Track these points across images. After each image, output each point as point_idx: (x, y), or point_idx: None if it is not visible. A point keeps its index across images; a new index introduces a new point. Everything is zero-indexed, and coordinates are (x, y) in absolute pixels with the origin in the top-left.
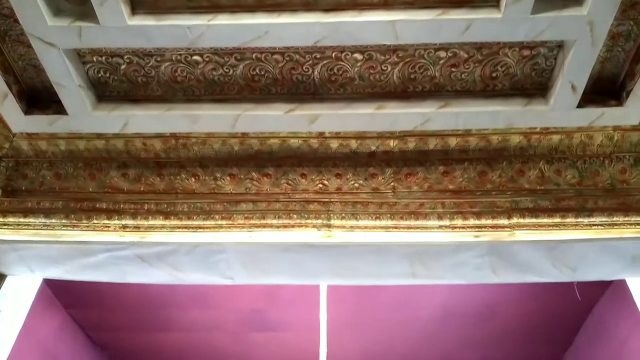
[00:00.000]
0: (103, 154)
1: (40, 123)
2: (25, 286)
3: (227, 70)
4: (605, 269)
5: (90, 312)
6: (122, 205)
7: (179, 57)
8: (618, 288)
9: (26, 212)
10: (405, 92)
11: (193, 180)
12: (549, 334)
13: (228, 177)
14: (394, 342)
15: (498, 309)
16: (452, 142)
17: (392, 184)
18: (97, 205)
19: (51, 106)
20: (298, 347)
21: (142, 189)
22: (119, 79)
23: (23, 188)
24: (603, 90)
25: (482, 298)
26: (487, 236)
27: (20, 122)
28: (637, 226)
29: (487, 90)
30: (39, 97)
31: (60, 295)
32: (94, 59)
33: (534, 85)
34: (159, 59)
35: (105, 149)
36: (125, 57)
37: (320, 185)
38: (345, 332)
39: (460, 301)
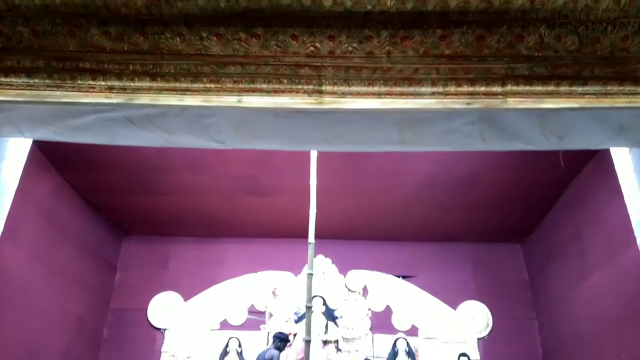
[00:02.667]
0: (81, 9)
1: None
2: (16, 149)
3: None
4: (593, 138)
5: (84, 175)
6: (106, 66)
7: None
8: (601, 158)
9: (7, 72)
10: None
11: (178, 40)
12: (530, 201)
13: (215, 37)
14: (380, 206)
15: (482, 176)
16: (452, 2)
17: (387, 47)
18: (80, 65)
19: None
20: (289, 211)
21: (125, 48)
22: None
23: (0, 46)
24: None
25: (467, 166)
26: (479, 103)
27: None
28: (630, 96)
29: None
30: None
31: (53, 159)
32: None
33: None
34: None
35: (83, 3)
36: None
37: (312, 48)
38: (334, 197)
39: (445, 169)
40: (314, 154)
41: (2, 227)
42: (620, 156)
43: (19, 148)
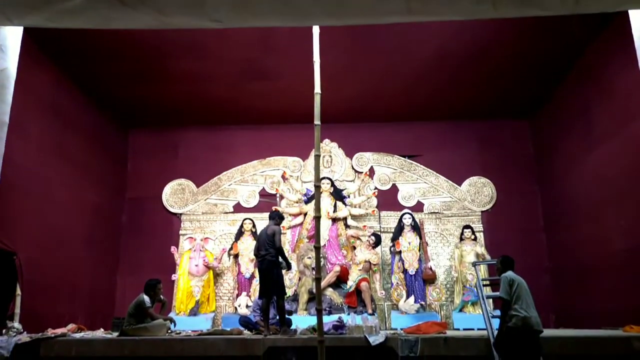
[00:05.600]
0: None
1: None
2: (8, 41)
3: None
4: None
5: (83, 66)
6: None
7: None
8: (618, 26)
9: None
10: None
11: None
12: (540, 75)
13: None
14: (386, 86)
15: (490, 50)
16: None
17: None
18: None
19: None
20: (294, 95)
21: None
22: None
23: None
24: None
25: (475, 40)
26: None
27: None
28: None
29: None
30: None
31: (49, 51)
32: None
33: None
34: None
35: None
36: None
37: None
38: (338, 79)
39: (453, 43)
40: (316, 30)
41: (7, 120)
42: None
43: (11, 39)
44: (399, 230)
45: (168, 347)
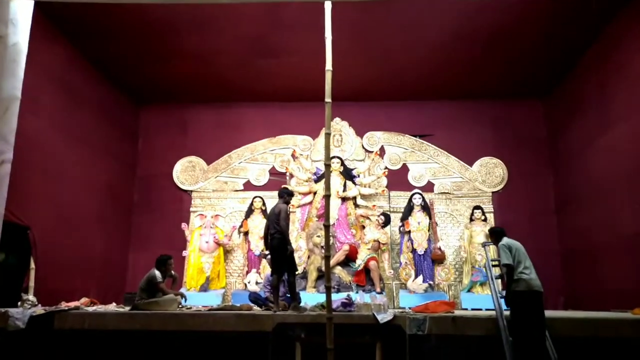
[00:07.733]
0: None
1: None
2: (19, 15)
3: None
4: None
5: (94, 43)
6: None
7: None
8: (636, 6)
9: None
10: None
11: None
12: (556, 54)
13: None
14: (399, 64)
15: (508, 29)
16: None
17: None
18: None
19: None
20: (304, 73)
21: None
22: None
23: None
24: None
25: (493, 18)
26: None
27: None
28: None
29: None
30: None
31: (61, 26)
32: None
33: None
34: None
35: None
36: None
37: None
38: (350, 56)
39: (470, 22)
40: (328, 5)
41: (19, 95)
42: None
43: (21, 14)
44: (408, 210)
45: (179, 321)
